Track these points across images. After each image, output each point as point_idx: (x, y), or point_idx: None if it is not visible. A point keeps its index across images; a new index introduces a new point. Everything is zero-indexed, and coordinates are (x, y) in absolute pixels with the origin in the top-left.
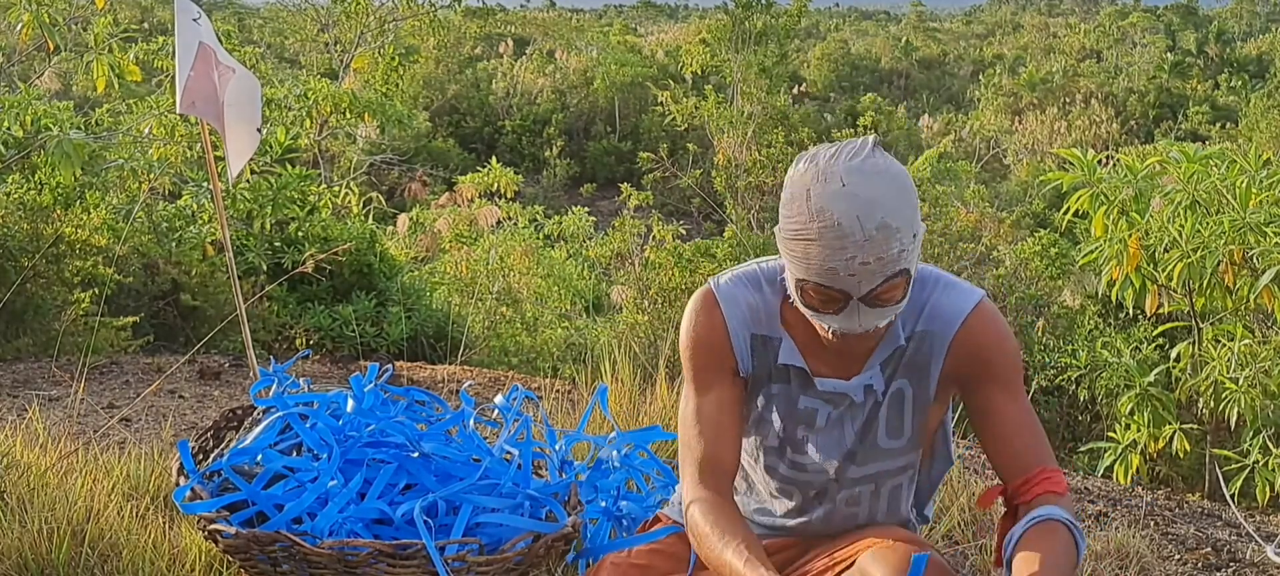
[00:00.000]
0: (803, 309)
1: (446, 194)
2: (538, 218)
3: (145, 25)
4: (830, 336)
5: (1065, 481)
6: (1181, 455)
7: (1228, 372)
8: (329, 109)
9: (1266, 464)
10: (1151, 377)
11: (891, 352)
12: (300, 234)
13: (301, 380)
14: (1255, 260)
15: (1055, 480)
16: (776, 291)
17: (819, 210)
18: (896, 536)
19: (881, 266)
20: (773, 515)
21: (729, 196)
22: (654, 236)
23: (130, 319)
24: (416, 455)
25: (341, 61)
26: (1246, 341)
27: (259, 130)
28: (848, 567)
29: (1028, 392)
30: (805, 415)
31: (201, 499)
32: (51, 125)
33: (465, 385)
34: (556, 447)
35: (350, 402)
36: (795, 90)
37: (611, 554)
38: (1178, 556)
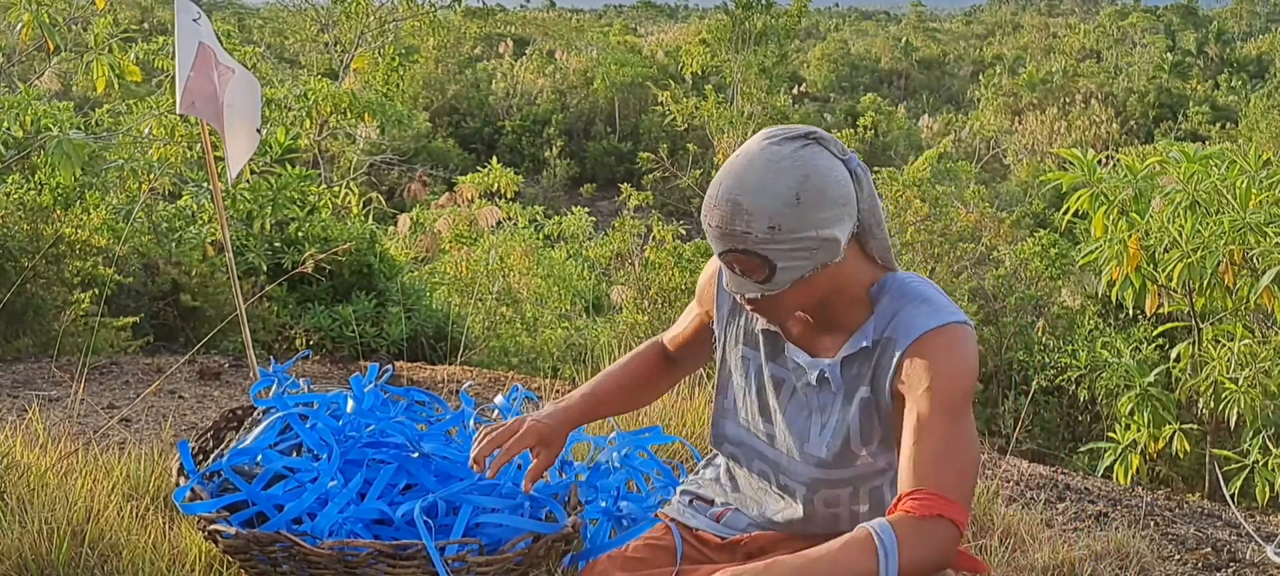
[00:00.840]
0: None
1: (446, 194)
2: (538, 218)
3: (145, 25)
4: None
5: (944, 508)
6: (1181, 455)
7: (1228, 372)
8: (329, 109)
9: (1266, 464)
10: (1151, 377)
11: (856, 351)
12: (300, 234)
13: (301, 380)
14: (1255, 260)
15: (927, 503)
16: None
17: (713, 182)
18: None
19: (721, 235)
20: (759, 517)
21: None
22: (654, 236)
23: (130, 319)
24: (416, 455)
25: (341, 62)
26: (1246, 341)
27: (259, 130)
28: None
29: (1027, 395)
30: (773, 383)
31: (201, 499)
32: (51, 125)
33: (465, 385)
34: None
35: (350, 403)
36: (795, 90)
37: (609, 551)
38: (1178, 556)
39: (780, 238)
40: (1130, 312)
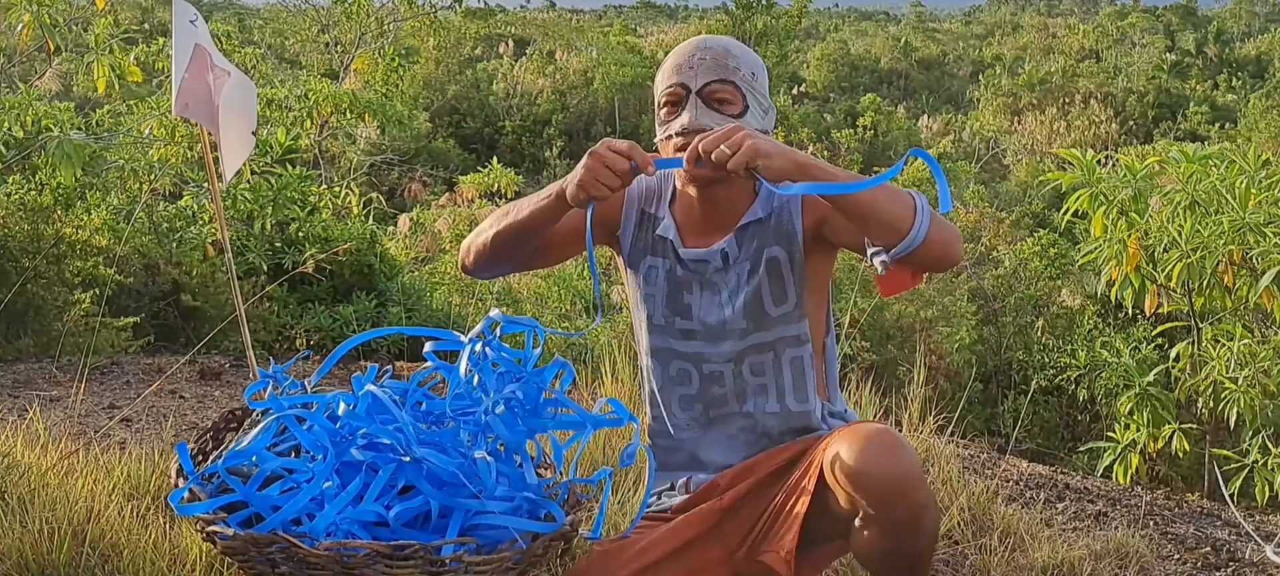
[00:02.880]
0: (658, 133)
1: (447, 194)
2: None
3: (146, 26)
4: (692, 188)
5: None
6: (1181, 455)
7: (1227, 372)
8: (329, 109)
9: (1266, 463)
10: (1151, 377)
11: (750, 222)
12: (301, 234)
13: (305, 381)
14: (1255, 260)
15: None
16: (669, 184)
17: (681, 44)
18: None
19: (716, 66)
20: (688, 434)
21: None
22: None
23: (131, 319)
24: (407, 460)
25: (342, 62)
26: (1246, 341)
27: (253, 132)
28: (805, 485)
29: (1026, 395)
30: (684, 281)
31: (200, 500)
32: (52, 126)
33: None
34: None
35: (343, 405)
36: (795, 90)
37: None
38: (1177, 556)
39: (757, 85)
40: (1130, 312)
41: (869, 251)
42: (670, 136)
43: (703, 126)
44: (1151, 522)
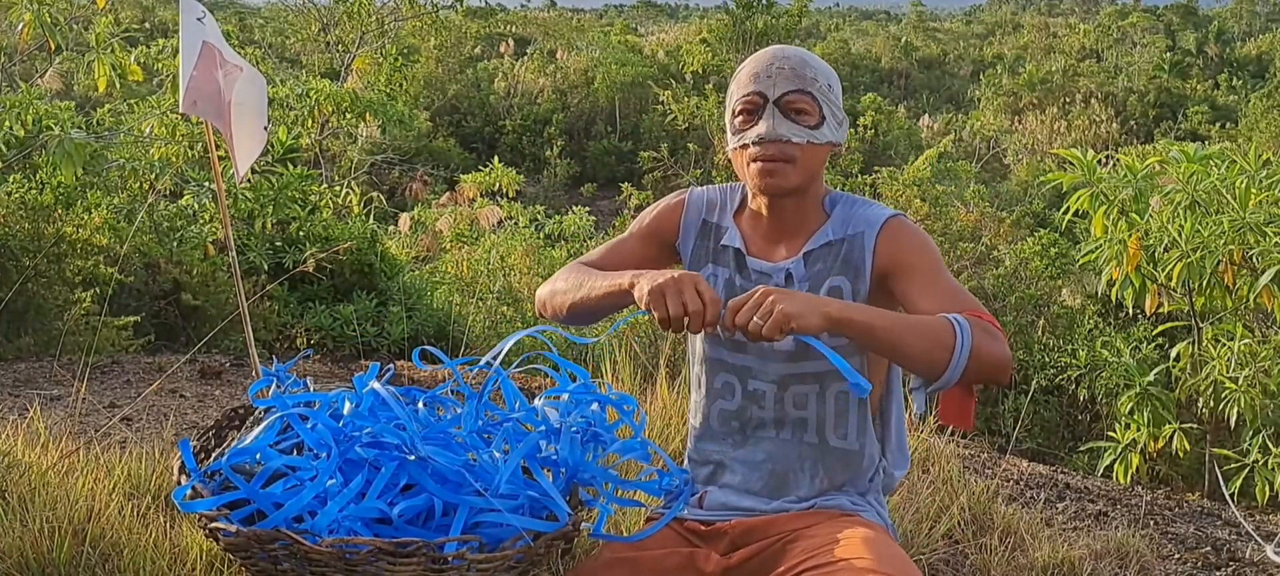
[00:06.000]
0: (731, 143)
1: (447, 193)
2: (538, 217)
3: (146, 25)
4: (762, 197)
5: (996, 325)
6: (1181, 454)
7: (1227, 372)
8: (330, 109)
9: (1266, 463)
10: (1151, 377)
11: (820, 245)
12: (301, 233)
13: (307, 378)
14: (1255, 260)
15: (983, 317)
16: (735, 197)
17: (757, 53)
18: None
19: (795, 77)
20: (719, 447)
21: None
22: None
23: (131, 318)
24: (412, 459)
25: (343, 62)
26: (1246, 341)
27: (265, 127)
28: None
29: (1027, 394)
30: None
31: (202, 497)
32: (52, 125)
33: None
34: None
35: (348, 404)
36: None
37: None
38: (1177, 555)
39: (832, 96)
40: (1130, 312)
41: (910, 385)
42: (745, 145)
43: (780, 136)
44: (1152, 522)
